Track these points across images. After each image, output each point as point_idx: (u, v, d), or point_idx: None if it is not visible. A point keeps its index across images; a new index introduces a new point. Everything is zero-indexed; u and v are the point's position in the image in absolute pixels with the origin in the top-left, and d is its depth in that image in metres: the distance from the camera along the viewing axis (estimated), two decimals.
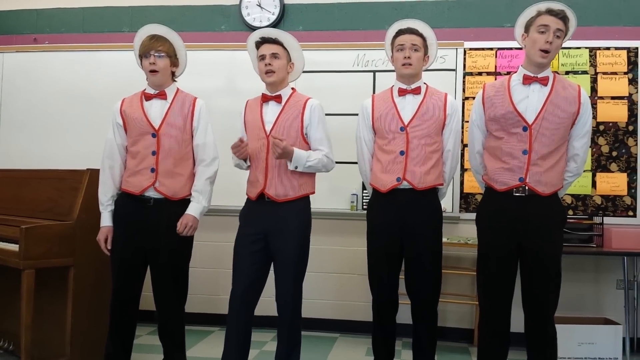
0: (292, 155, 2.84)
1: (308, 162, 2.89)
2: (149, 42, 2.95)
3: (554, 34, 2.69)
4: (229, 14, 4.70)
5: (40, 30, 4.93)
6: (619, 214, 4.22)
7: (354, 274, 4.42)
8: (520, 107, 2.76)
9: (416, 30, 2.99)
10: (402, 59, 2.96)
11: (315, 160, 2.91)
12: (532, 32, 2.73)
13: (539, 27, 2.71)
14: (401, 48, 2.97)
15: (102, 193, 3.00)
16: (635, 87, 4.24)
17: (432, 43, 3.04)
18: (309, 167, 2.91)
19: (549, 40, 2.69)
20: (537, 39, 2.71)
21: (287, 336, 2.93)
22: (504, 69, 4.35)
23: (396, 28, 3.04)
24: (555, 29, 2.69)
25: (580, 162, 2.82)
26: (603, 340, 3.85)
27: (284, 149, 2.78)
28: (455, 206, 4.36)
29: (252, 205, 2.98)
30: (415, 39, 2.97)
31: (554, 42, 2.70)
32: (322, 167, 2.97)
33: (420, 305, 2.99)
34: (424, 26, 3.02)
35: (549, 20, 2.70)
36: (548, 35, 2.69)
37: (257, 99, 3.06)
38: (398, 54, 2.99)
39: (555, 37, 2.70)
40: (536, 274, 2.72)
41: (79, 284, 3.22)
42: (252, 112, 3.02)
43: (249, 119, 3.02)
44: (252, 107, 3.04)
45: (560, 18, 2.70)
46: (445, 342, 4.21)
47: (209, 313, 4.52)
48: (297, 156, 2.85)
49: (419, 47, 2.97)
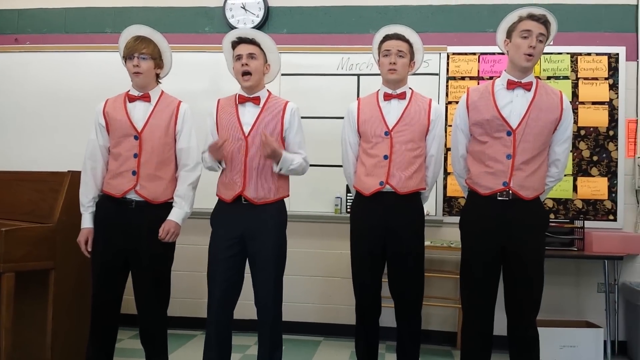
0: (281, 157, 2.84)
1: (292, 165, 2.90)
2: (134, 44, 2.93)
3: (536, 38, 2.72)
4: (213, 15, 4.69)
5: (22, 30, 4.87)
6: (600, 218, 4.26)
7: (338, 277, 4.42)
8: (504, 111, 2.78)
9: (403, 36, 3.01)
10: (388, 65, 2.98)
11: (297, 164, 2.93)
12: (515, 38, 2.76)
13: (521, 33, 2.74)
14: (387, 54, 2.99)
15: (83, 194, 2.96)
16: (615, 92, 4.29)
17: (418, 49, 3.06)
18: (291, 170, 2.93)
19: (532, 44, 2.71)
20: (521, 44, 2.74)
21: (269, 339, 2.91)
22: (486, 73, 4.39)
23: (383, 33, 3.06)
24: (538, 34, 2.72)
25: (562, 167, 2.85)
26: (584, 344, 3.88)
27: (273, 148, 2.78)
28: (439, 209, 4.37)
29: (226, 208, 2.95)
30: (401, 44, 2.99)
31: (537, 47, 2.72)
32: (301, 171, 2.99)
33: (404, 307, 3.00)
34: (411, 32, 3.04)
35: (531, 25, 2.73)
36: (531, 40, 2.71)
37: (229, 99, 3.03)
38: (384, 59, 3.01)
39: (538, 42, 2.73)
40: (519, 278, 2.74)
41: (60, 287, 3.18)
42: (227, 112, 2.99)
43: (223, 119, 2.98)
44: (226, 108, 3.00)
45: (542, 23, 2.74)
46: (429, 345, 4.22)
47: (191, 317, 4.49)
48: (285, 159, 2.86)
49: (405, 53, 2.99)
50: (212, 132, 3.02)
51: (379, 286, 3.03)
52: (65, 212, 3.22)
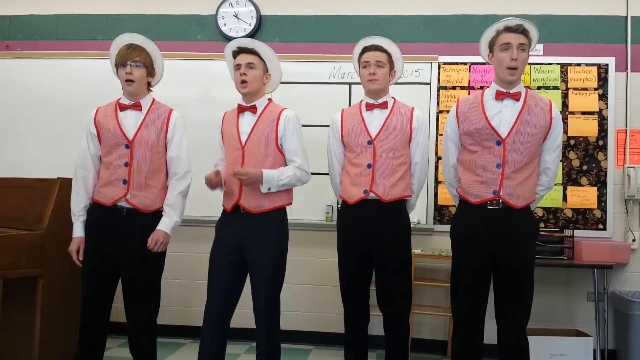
0: (262, 177, 2.85)
1: (280, 181, 2.90)
2: (126, 52, 2.92)
3: (517, 49, 2.74)
4: (205, 24, 4.69)
5: (13, 36, 4.85)
6: (590, 227, 4.28)
7: (329, 286, 4.41)
8: (493, 121, 2.79)
9: (381, 47, 3.06)
10: (368, 75, 3.04)
11: (287, 177, 2.92)
12: (497, 52, 2.79)
13: (501, 46, 2.76)
14: (366, 65, 3.04)
15: (74, 203, 2.94)
16: (605, 102, 4.32)
17: (397, 58, 3.11)
18: (283, 186, 2.92)
19: (513, 57, 2.73)
20: (503, 58, 2.76)
21: (267, 349, 2.90)
22: (477, 83, 4.41)
23: (361, 45, 3.12)
24: (518, 44, 2.74)
25: (552, 175, 2.87)
26: (574, 352, 3.89)
27: (246, 174, 2.79)
28: (430, 218, 4.38)
29: (227, 217, 2.98)
30: (379, 55, 3.03)
31: (519, 57, 2.74)
32: (296, 182, 2.98)
33: (391, 315, 3.01)
34: (389, 43, 3.09)
35: (510, 37, 2.75)
36: (512, 53, 2.73)
37: (234, 110, 3.06)
38: (364, 71, 3.06)
39: (520, 51, 2.75)
40: (509, 286, 2.75)
41: (48, 294, 3.16)
42: (229, 123, 3.02)
43: (226, 130, 3.02)
44: (229, 119, 3.04)
45: (520, 32, 2.75)
46: (420, 353, 4.22)
47: (181, 325, 4.45)
48: (267, 178, 2.86)
49: (384, 63, 3.03)
50: (219, 143, 3.07)
51: (366, 295, 3.04)
52: (55, 219, 3.20)
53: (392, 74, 3.11)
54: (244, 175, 2.80)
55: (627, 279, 4.25)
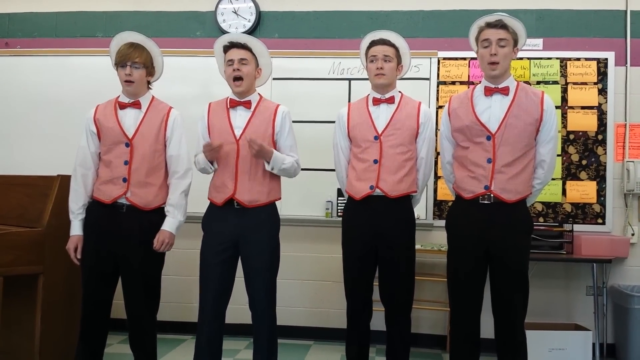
0: (271, 155, 2.86)
1: (283, 165, 2.92)
2: (127, 51, 2.91)
3: (496, 44, 2.75)
4: (205, 20, 4.69)
5: (12, 34, 4.85)
6: (589, 222, 4.29)
7: (329, 281, 4.42)
8: (483, 117, 2.80)
9: (388, 41, 3.03)
10: (375, 70, 3.01)
11: (289, 163, 2.94)
12: (479, 48, 2.82)
13: (482, 43, 2.79)
14: (374, 59, 3.01)
15: (73, 201, 2.94)
16: (604, 97, 4.32)
17: (405, 53, 3.08)
18: (283, 170, 2.94)
19: (492, 52, 2.75)
20: (483, 54, 2.79)
21: (266, 345, 2.91)
22: (477, 78, 4.41)
23: (369, 39, 3.08)
24: (497, 40, 2.75)
25: (548, 168, 2.85)
26: (573, 346, 3.90)
27: (260, 146, 2.78)
28: (429, 213, 4.39)
29: (218, 212, 2.95)
30: (387, 49, 3.01)
31: (499, 52, 2.75)
32: (292, 171, 3.00)
33: (394, 310, 3.01)
34: (396, 37, 3.06)
35: (489, 33, 2.77)
36: (491, 48, 2.75)
37: (220, 102, 3.04)
38: (371, 65, 3.03)
39: (499, 47, 2.76)
40: (504, 281, 2.76)
41: (49, 292, 3.18)
42: (218, 116, 3.00)
43: (215, 123, 2.99)
44: (217, 112, 3.02)
45: (500, 28, 2.76)
46: (419, 348, 4.23)
47: (180, 321, 4.48)
48: (275, 157, 2.88)
49: (392, 58, 3.01)
50: (203, 135, 3.03)
51: (370, 290, 3.04)
52: (55, 216, 3.21)
53: (400, 69, 3.08)
54: (258, 146, 2.79)
55: (626, 273, 4.26)
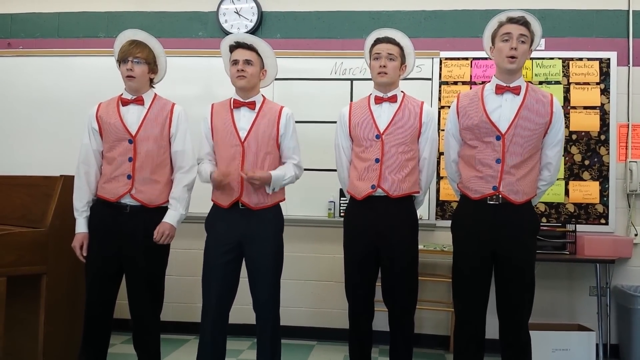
0: (270, 180, 2.88)
1: (284, 181, 2.95)
2: (129, 48, 2.92)
3: (517, 39, 2.74)
4: (207, 20, 4.69)
5: (15, 34, 4.86)
6: (591, 222, 4.28)
7: (332, 281, 4.42)
8: (493, 116, 2.79)
9: (393, 40, 3.01)
10: (378, 68, 2.99)
11: (289, 177, 2.97)
12: (497, 42, 2.80)
13: (502, 37, 2.78)
14: (377, 57, 2.99)
15: (77, 199, 2.94)
16: (607, 97, 4.32)
17: (409, 52, 3.07)
18: (284, 184, 2.98)
19: (513, 46, 2.74)
20: (502, 47, 2.77)
21: (270, 345, 2.91)
22: (479, 78, 4.41)
23: (374, 37, 3.07)
24: (518, 35, 2.75)
25: (554, 170, 2.86)
26: (577, 347, 3.90)
27: (260, 179, 2.83)
28: (432, 213, 4.39)
29: (222, 213, 2.95)
30: (391, 48, 2.99)
31: (519, 48, 2.75)
32: (294, 180, 3.03)
33: (397, 312, 2.99)
34: (402, 36, 3.05)
35: (511, 28, 2.76)
36: (512, 42, 2.74)
37: (223, 103, 3.04)
38: (374, 63, 3.01)
39: (520, 43, 2.75)
40: (510, 281, 2.75)
41: (52, 292, 3.17)
42: (221, 117, 2.99)
43: (218, 124, 2.99)
44: (221, 113, 3.01)
45: (521, 24, 2.76)
46: (422, 349, 4.22)
47: (184, 321, 4.48)
48: (275, 179, 2.90)
49: (395, 56, 2.99)
50: (207, 136, 3.03)
51: (372, 291, 3.03)
52: (58, 216, 3.21)
53: (403, 68, 3.05)
54: (258, 181, 2.83)
55: (630, 273, 4.25)
